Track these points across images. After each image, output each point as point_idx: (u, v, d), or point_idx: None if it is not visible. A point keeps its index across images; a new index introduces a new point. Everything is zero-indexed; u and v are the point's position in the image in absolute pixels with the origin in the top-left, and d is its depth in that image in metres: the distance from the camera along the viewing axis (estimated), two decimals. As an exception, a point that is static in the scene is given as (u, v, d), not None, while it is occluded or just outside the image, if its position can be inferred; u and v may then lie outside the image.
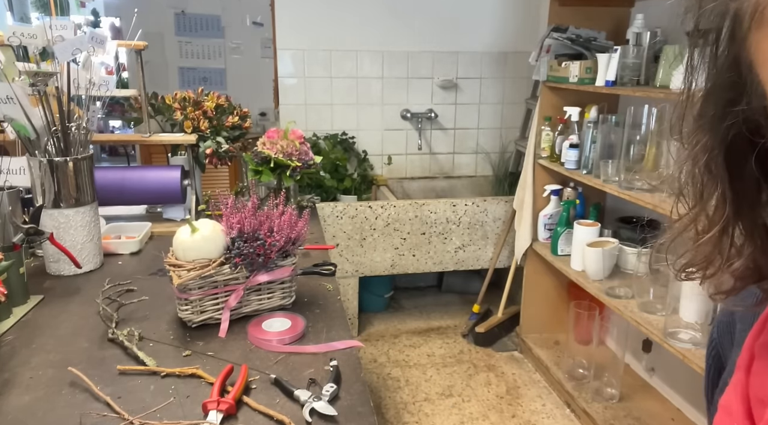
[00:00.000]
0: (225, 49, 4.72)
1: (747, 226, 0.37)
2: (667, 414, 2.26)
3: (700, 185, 0.38)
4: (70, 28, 1.43)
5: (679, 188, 0.40)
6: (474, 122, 3.38)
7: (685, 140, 0.38)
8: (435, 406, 2.44)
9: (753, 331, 0.43)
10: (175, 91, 1.90)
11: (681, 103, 0.37)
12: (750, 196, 0.37)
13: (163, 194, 1.77)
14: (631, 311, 1.97)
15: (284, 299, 1.22)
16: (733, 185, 0.37)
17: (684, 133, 0.38)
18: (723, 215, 0.37)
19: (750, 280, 0.38)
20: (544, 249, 2.60)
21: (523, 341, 2.86)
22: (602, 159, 2.16)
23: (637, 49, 2.06)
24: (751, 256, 0.37)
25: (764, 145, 0.34)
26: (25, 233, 1.26)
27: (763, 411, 0.39)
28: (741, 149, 0.35)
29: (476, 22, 3.20)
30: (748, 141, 0.35)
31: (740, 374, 0.43)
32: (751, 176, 0.36)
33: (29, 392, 0.93)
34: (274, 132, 1.71)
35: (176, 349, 1.07)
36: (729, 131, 0.35)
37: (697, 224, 0.39)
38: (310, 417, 0.87)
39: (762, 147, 0.34)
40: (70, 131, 1.37)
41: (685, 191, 0.39)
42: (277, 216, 1.19)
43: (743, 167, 0.36)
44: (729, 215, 0.37)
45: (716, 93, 0.35)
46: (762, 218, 0.37)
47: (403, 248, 2.87)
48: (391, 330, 3.10)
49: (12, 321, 1.17)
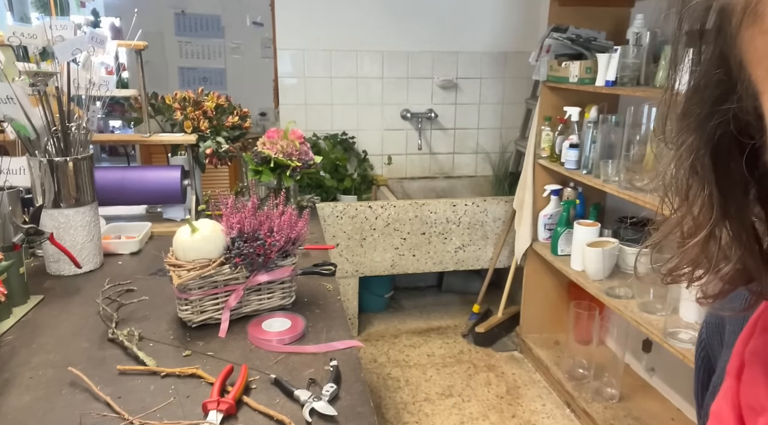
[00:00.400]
0: (225, 49, 4.72)
1: (734, 228, 0.36)
2: (667, 414, 2.26)
3: (686, 186, 0.37)
4: (70, 28, 1.43)
5: (664, 189, 0.39)
6: (474, 122, 3.38)
7: (669, 140, 0.37)
8: (435, 406, 2.44)
9: (742, 336, 0.42)
10: (175, 91, 1.90)
11: (664, 102, 0.36)
12: (737, 197, 0.36)
13: (163, 194, 1.77)
14: (631, 311, 1.97)
15: (284, 299, 1.22)
16: (720, 186, 0.35)
17: (668, 133, 0.37)
18: (710, 216, 0.36)
19: (738, 283, 0.37)
20: (544, 249, 2.60)
21: (523, 341, 2.86)
22: (602, 159, 2.16)
23: (637, 49, 2.06)
24: (740, 258, 0.36)
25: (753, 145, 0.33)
26: (25, 233, 1.26)
27: (755, 420, 0.39)
28: (728, 149, 0.34)
29: (476, 22, 3.20)
30: (736, 141, 0.34)
31: (730, 381, 0.42)
32: (739, 177, 0.35)
33: (29, 392, 0.93)
34: (274, 132, 1.71)
35: (176, 349, 1.07)
36: (716, 131, 0.34)
37: (683, 226, 0.38)
38: (310, 417, 0.87)
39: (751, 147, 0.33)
40: (70, 131, 1.37)
41: (670, 192, 0.38)
42: (277, 216, 1.19)
43: (730, 168, 0.35)
44: (716, 216, 0.36)
45: (702, 91, 0.34)
46: (749, 219, 0.36)
47: (403, 248, 2.87)
48: (391, 330, 3.10)
49: (12, 320, 1.17)
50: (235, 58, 4.75)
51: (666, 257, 0.40)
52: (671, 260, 0.39)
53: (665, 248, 0.40)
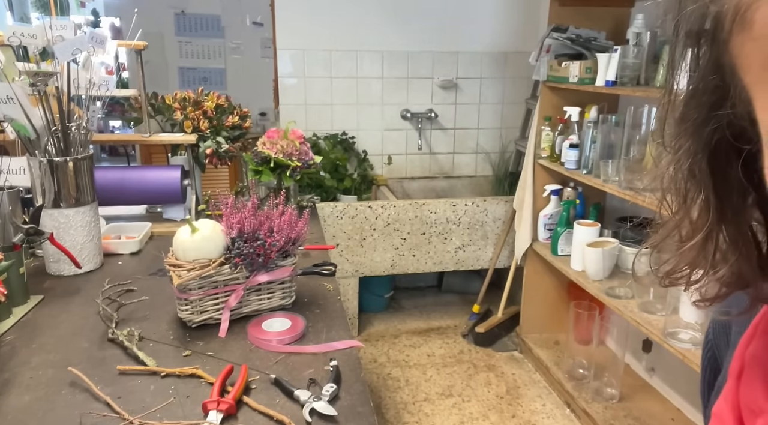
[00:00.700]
0: (225, 49, 4.72)
1: (731, 232, 0.36)
2: (667, 414, 2.26)
3: (684, 190, 0.37)
4: (70, 28, 1.43)
5: (662, 192, 0.39)
6: (474, 122, 3.38)
7: (667, 144, 0.37)
8: (435, 406, 2.44)
9: (743, 339, 0.43)
10: (175, 91, 1.90)
11: (663, 106, 0.37)
12: (734, 202, 0.36)
13: (163, 194, 1.77)
14: (631, 311, 1.97)
15: (284, 299, 1.22)
16: (717, 191, 0.36)
17: (666, 136, 0.37)
18: (706, 221, 0.36)
19: (735, 286, 0.37)
20: (544, 249, 2.60)
21: (523, 341, 2.86)
22: (602, 159, 2.16)
23: (637, 49, 2.06)
24: (735, 263, 0.36)
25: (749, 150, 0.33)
26: (25, 233, 1.26)
27: (753, 421, 0.39)
28: (725, 153, 0.35)
29: (476, 22, 3.20)
30: (733, 146, 0.34)
31: (731, 382, 0.42)
32: (736, 182, 0.35)
33: (29, 392, 0.93)
34: (274, 132, 1.71)
35: (176, 349, 1.07)
36: (713, 136, 0.34)
37: (680, 229, 0.38)
38: (310, 417, 0.87)
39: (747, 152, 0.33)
40: (70, 131, 1.37)
41: (668, 196, 0.39)
42: (277, 216, 1.19)
43: (727, 173, 0.35)
44: (713, 221, 0.36)
45: (699, 97, 0.34)
46: (747, 224, 0.36)
47: (403, 248, 2.87)
48: (391, 330, 3.10)
49: (12, 320, 1.17)
50: (235, 58, 4.75)
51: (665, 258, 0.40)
52: (669, 262, 0.40)
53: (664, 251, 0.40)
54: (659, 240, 0.40)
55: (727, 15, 0.29)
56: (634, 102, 2.17)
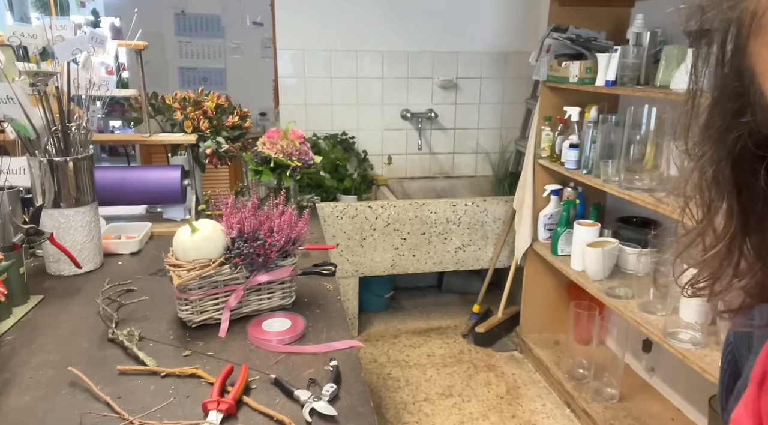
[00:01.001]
0: (225, 49, 4.72)
1: (755, 242, 0.35)
2: (667, 414, 2.26)
3: (708, 198, 0.36)
4: (70, 28, 1.43)
5: (685, 200, 0.38)
6: (474, 122, 3.38)
7: (690, 151, 0.37)
8: (435, 406, 2.44)
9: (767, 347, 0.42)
10: (175, 91, 1.90)
11: (686, 112, 0.36)
12: (758, 211, 0.35)
13: (163, 194, 1.77)
14: (631, 311, 1.97)
15: (284, 299, 1.22)
16: (741, 199, 0.35)
17: (689, 143, 0.37)
18: (730, 229, 0.36)
19: (760, 298, 0.37)
20: (544, 249, 2.60)
21: (523, 341, 2.86)
22: (602, 159, 2.16)
23: (637, 49, 2.06)
24: (761, 273, 0.35)
25: None
26: (25, 233, 1.26)
27: None
28: (749, 161, 0.34)
29: (476, 22, 3.20)
30: (756, 154, 0.33)
31: (753, 388, 0.41)
32: (759, 191, 0.34)
33: (29, 392, 0.93)
34: (274, 132, 1.71)
35: (176, 349, 1.07)
36: (736, 143, 0.34)
37: (704, 238, 0.38)
38: (310, 417, 0.87)
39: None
40: (70, 131, 1.37)
41: (691, 204, 0.38)
42: (277, 216, 1.19)
43: (751, 181, 0.34)
44: (736, 229, 0.35)
45: (721, 104, 0.34)
46: None
47: (403, 248, 2.87)
48: (391, 330, 3.10)
49: (12, 320, 1.17)
50: (235, 58, 4.75)
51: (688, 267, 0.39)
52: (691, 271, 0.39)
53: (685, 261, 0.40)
54: (683, 248, 0.39)
55: (745, 20, 0.29)
56: (634, 102, 2.17)
